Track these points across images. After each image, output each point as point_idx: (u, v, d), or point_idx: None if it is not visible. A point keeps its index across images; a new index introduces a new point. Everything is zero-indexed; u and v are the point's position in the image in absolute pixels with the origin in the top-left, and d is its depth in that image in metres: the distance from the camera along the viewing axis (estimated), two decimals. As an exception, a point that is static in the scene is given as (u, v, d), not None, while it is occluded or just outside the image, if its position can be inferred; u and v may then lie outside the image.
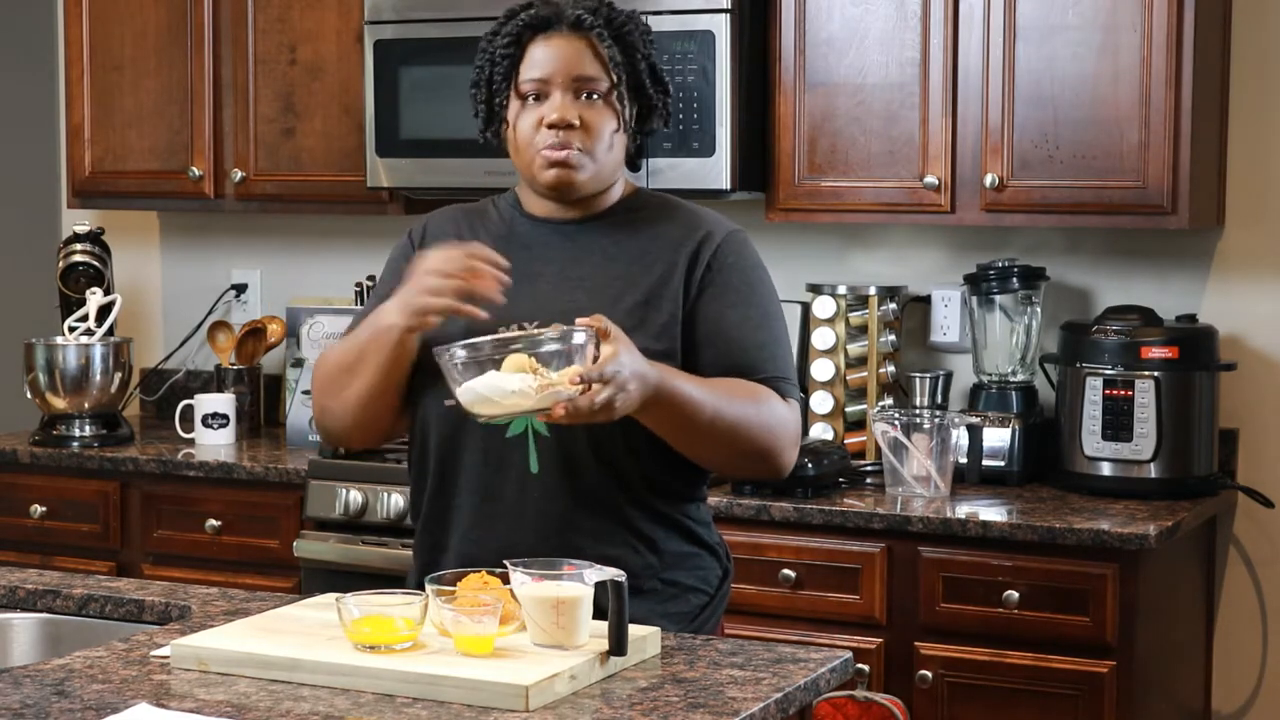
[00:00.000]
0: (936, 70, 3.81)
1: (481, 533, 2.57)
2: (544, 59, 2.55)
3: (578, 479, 2.53)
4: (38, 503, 4.42)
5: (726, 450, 2.53)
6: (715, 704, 2.16)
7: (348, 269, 4.65)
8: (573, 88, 2.54)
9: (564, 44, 2.55)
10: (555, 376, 2.30)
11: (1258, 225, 3.97)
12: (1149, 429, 3.72)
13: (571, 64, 2.54)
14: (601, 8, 2.58)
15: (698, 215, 2.65)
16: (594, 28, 2.55)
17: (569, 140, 2.53)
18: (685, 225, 2.62)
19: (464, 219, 2.71)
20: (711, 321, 2.56)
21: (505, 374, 2.31)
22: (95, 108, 4.63)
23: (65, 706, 2.13)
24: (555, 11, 2.56)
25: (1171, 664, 3.78)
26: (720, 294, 2.58)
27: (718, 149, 3.87)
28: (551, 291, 2.58)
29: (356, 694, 2.18)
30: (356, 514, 4.01)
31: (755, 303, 2.60)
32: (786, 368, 2.61)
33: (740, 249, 2.63)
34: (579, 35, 2.55)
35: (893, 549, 3.62)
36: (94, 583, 2.80)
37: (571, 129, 2.53)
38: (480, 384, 2.32)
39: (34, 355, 4.47)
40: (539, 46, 2.56)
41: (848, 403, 4.08)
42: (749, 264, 2.63)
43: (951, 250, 4.18)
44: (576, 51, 2.55)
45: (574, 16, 2.55)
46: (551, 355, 2.33)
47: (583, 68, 2.54)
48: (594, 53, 2.55)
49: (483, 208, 2.74)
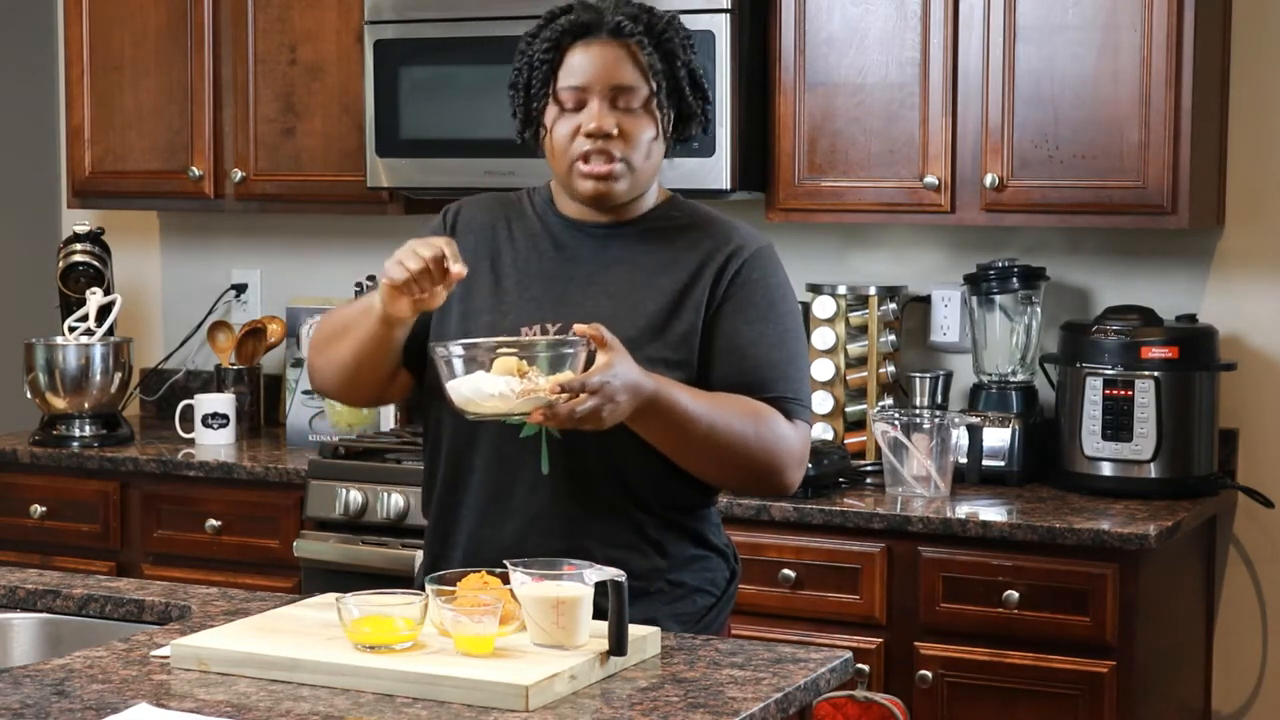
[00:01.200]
0: (936, 70, 3.81)
1: (490, 531, 2.57)
2: (583, 66, 2.51)
3: (588, 482, 2.53)
4: (38, 503, 4.42)
5: (721, 466, 2.51)
6: (715, 704, 2.16)
7: (348, 269, 4.65)
8: (611, 96, 2.51)
9: (603, 51, 2.51)
10: (542, 382, 2.31)
11: (1258, 225, 3.97)
12: (1149, 429, 3.72)
13: (611, 72, 2.50)
14: (642, 14, 2.53)
15: (729, 228, 2.63)
16: (634, 35, 2.51)
17: (608, 149, 2.50)
18: (716, 237, 2.60)
19: (499, 209, 2.68)
20: (727, 336, 2.55)
21: (491, 376, 2.32)
22: (95, 108, 4.63)
23: (65, 706, 2.13)
24: (596, 18, 2.52)
25: (1171, 664, 3.78)
26: (740, 309, 2.56)
27: (718, 149, 3.87)
28: (577, 294, 2.57)
29: (356, 694, 2.18)
30: (356, 514, 4.01)
31: (774, 320, 2.57)
32: (798, 389, 2.58)
33: (766, 265, 2.60)
34: (619, 42, 2.51)
35: (893, 549, 3.62)
36: (94, 583, 2.80)
37: (610, 138, 2.50)
38: (465, 383, 2.34)
39: (34, 355, 4.47)
40: (578, 53, 2.52)
41: (848, 403, 4.08)
42: (773, 281, 2.60)
43: (951, 250, 4.18)
44: (616, 59, 2.51)
45: (614, 23, 2.51)
46: (544, 361, 2.33)
47: (622, 76, 2.50)
48: (634, 60, 2.51)
49: (517, 200, 2.70)
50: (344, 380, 2.63)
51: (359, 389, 2.66)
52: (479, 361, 2.34)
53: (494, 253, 2.62)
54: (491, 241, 2.63)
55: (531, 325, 2.54)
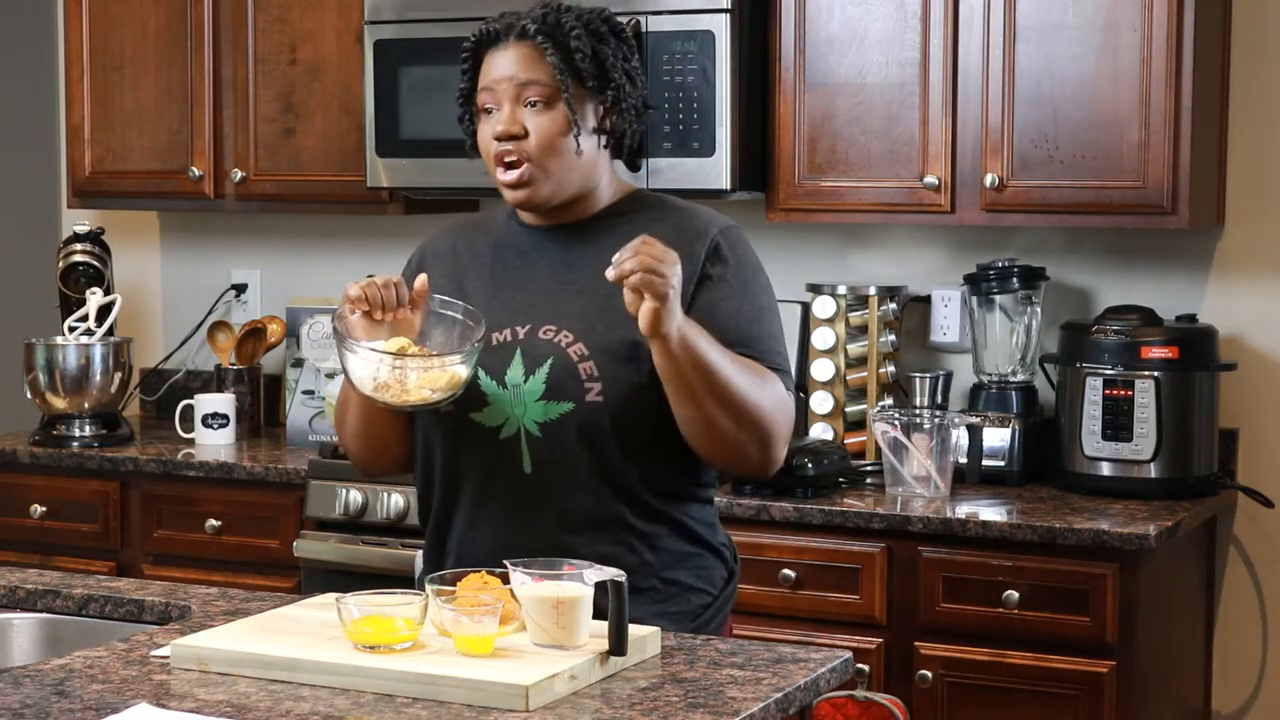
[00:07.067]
0: (936, 70, 3.82)
1: (478, 534, 2.58)
2: (492, 70, 2.57)
3: (571, 479, 2.53)
4: (38, 503, 4.42)
5: (732, 421, 2.47)
6: (715, 704, 2.16)
7: (348, 269, 4.64)
8: (517, 95, 2.55)
9: (510, 53, 2.55)
10: (411, 378, 2.42)
11: (1258, 225, 3.97)
12: (1149, 429, 3.72)
13: (516, 71, 2.55)
14: (552, 14, 2.57)
15: (692, 213, 2.65)
16: (537, 34, 2.55)
17: (519, 152, 2.54)
18: (679, 225, 2.61)
19: (459, 233, 2.74)
20: (704, 312, 2.54)
21: (360, 358, 2.43)
22: (95, 108, 4.63)
23: (65, 706, 2.13)
24: (505, 25, 2.57)
25: (1171, 664, 3.78)
26: (714, 288, 2.57)
27: (718, 149, 3.87)
28: (544, 295, 2.60)
29: (356, 694, 2.18)
30: (356, 514, 4.01)
31: (749, 297, 2.59)
32: (782, 361, 2.60)
33: (734, 244, 2.62)
34: (524, 43, 2.55)
35: (893, 549, 3.62)
36: (94, 583, 2.80)
37: (517, 139, 2.54)
38: (350, 364, 2.45)
39: (34, 355, 4.47)
40: (490, 59, 2.58)
41: (848, 403, 4.08)
42: (744, 260, 2.62)
43: (951, 250, 4.18)
44: (521, 58, 2.55)
45: (519, 27, 2.56)
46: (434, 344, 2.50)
47: (525, 73, 2.54)
48: (538, 59, 2.55)
49: (481, 218, 2.78)
50: (368, 447, 2.67)
51: (385, 450, 2.67)
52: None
53: (460, 274, 2.67)
54: (455, 265, 2.68)
55: (502, 330, 2.57)
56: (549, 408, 2.52)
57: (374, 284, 2.47)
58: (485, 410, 2.55)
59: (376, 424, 2.63)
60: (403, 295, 2.49)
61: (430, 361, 2.43)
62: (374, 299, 2.47)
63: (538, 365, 2.53)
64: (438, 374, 2.43)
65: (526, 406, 2.53)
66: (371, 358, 2.42)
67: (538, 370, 2.53)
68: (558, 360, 2.53)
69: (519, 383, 2.53)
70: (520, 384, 2.53)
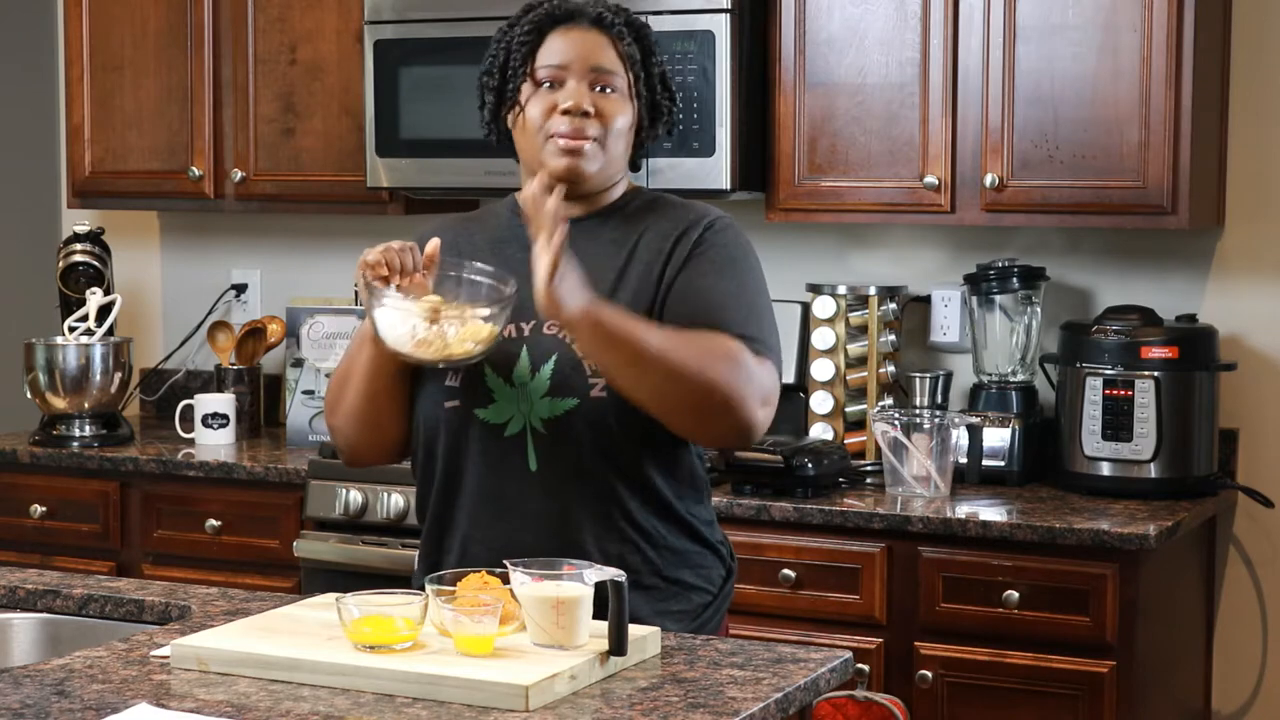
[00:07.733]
0: (936, 70, 3.82)
1: (483, 532, 2.57)
2: (563, 47, 2.57)
3: (577, 476, 2.53)
4: (38, 503, 4.42)
5: (677, 393, 2.43)
6: (715, 704, 2.16)
7: (348, 269, 4.64)
8: (589, 78, 2.56)
9: (584, 36, 2.58)
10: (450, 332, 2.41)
11: (1258, 225, 3.97)
12: (1149, 429, 3.72)
13: (591, 54, 2.57)
14: (621, 11, 2.62)
15: (687, 207, 2.66)
16: (614, 26, 2.59)
17: (584, 127, 2.54)
18: (674, 218, 2.62)
19: (460, 226, 2.73)
20: (680, 288, 2.55)
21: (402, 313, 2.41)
22: (95, 108, 4.63)
23: (65, 706, 2.13)
24: (577, 8, 2.60)
25: (1171, 664, 3.78)
26: (695, 266, 2.56)
27: (718, 149, 3.87)
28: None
29: (356, 694, 2.18)
30: (356, 514, 4.01)
31: (732, 275, 2.57)
32: (760, 329, 2.54)
33: (724, 232, 2.61)
34: (599, 30, 2.59)
35: (893, 549, 3.62)
36: (94, 583, 2.80)
37: (586, 116, 2.55)
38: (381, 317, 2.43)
39: (34, 355, 4.47)
40: (558, 37, 2.58)
41: (848, 403, 4.08)
42: (732, 244, 2.60)
43: (951, 250, 4.18)
44: (597, 44, 2.58)
45: (595, 13, 2.60)
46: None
47: (602, 59, 2.57)
48: (614, 48, 2.58)
49: (481, 214, 2.77)
50: (365, 427, 2.63)
51: (380, 434, 2.63)
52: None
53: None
54: (457, 257, 2.65)
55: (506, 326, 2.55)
56: (555, 404, 2.51)
57: (391, 249, 2.47)
58: (491, 407, 2.54)
59: (378, 402, 2.60)
60: (418, 260, 2.49)
61: (475, 311, 2.42)
62: (392, 263, 2.46)
63: (543, 361, 2.53)
64: (479, 326, 2.42)
65: (533, 403, 2.52)
66: (409, 312, 2.40)
67: (543, 366, 2.52)
68: (562, 356, 2.52)
69: (525, 379, 2.53)
70: (526, 380, 2.53)
